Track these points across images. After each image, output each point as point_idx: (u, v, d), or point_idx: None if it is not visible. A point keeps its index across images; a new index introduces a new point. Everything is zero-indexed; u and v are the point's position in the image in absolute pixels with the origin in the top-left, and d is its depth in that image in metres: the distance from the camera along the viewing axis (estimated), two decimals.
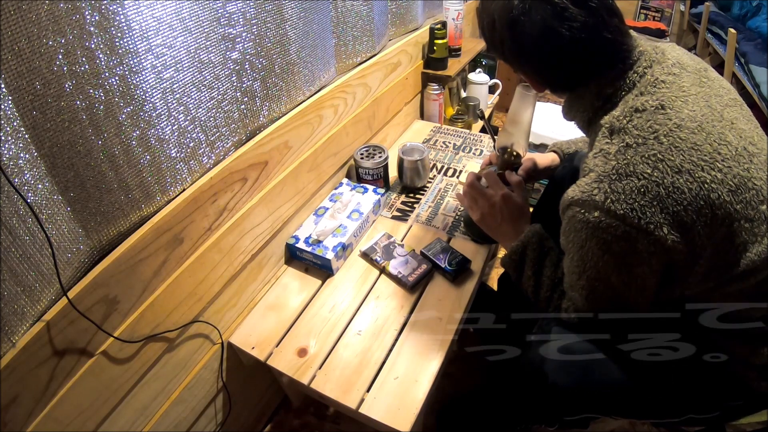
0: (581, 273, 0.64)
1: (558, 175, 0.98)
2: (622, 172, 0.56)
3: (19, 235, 0.53)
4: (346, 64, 1.16)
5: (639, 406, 0.71)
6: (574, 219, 0.61)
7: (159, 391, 0.76)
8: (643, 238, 0.56)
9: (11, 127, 0.50)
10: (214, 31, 0.73)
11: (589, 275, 0.63)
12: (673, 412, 0.71)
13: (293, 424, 1.10)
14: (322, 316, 0.92)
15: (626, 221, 0.56)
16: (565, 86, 0.69)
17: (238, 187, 0.84)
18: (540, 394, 0.73)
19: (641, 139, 0.57)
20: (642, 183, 0.55)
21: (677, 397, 0.69)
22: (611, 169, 0.57)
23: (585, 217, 0.59)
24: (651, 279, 0.60)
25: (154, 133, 0.66)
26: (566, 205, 0.62)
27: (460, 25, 1.54)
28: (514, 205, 0.82)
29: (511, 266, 0.80)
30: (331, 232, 1.01)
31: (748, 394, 0.66)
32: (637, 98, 0.60)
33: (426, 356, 0.84)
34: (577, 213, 0.60)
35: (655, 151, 0.56)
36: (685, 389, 0.68)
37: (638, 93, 0.61)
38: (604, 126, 0.62)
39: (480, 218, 0.86)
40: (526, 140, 0.91)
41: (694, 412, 0.70)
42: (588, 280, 0.64)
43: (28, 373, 0.55)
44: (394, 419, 0.74)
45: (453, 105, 1.71)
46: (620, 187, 0.56)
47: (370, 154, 1.18)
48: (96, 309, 0.62)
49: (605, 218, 0.57)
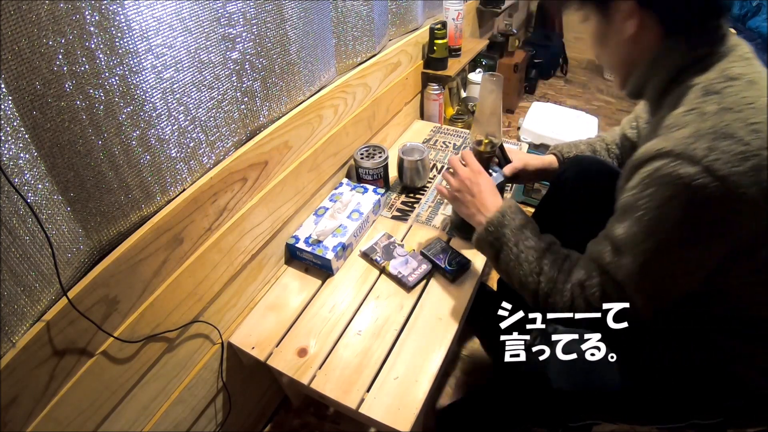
0: (648, 235, 0.56)
1: (562, 178, 0.95)
2: (724, 132, 0.51)
3: (19, 235, 0.53)
4: (346, 64, 1.16)
5: (642, 411, 0.71)
6: (658, 173, 0.54)
7: (159, 391, 0.76)
8: (736, 207, 0.51)
9: (11, 127, 0.50)
10: (214, 31, 0.73)
11: (659, 239, 0.56)
12: (676, 416, 0.71)
13: (293, 424, 1.10)
14: (322, 316, 0.92)
15: (725, 183, 0.50)
16: (680, 21, 0.61)
17: (238, 187, 0.84)
18: (543, 398, 0.73)
19: (738, 107, 0.53)
20: (743, 149, 0.50)
21: (680, 399, 0.68)
22: (710, 127, 0.52)
23: (676, 170, 0.52)
24: (712, 261, 0.57)
25: (154, 133, 0.66)
26: (649, 157, 0.55)
27: (460, 25, 1.54)
28: (487, 180, 0.82)
29: (485, 242, 0.76)
30: (331, 232, 1.01)
31: (748, 395, 0.66)
32: (731, 67, 0.57)
33: (426, 356, 0.84)
34: (666, 166, 0.53)
35: (753, 121, 0.52)
36: (687, 391, 0.67)
37: (730, 62, 0.58)
38: (697, 86, 0.57)
39: (453, 198, 0.86)
40: (499, 127, 0.91)
41: (698, 417, 0.70)
42: (654, 244, 0.57)
43: (28, 373, 0.55)
44: (394, 419, 0.74)
45: (453, 105, 1.71)
46: (722, 147, 0.51)
47: (370, 154, 1.18)
48: (96, 309, 0.62)
49: (702, 176, 0.51)
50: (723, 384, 0.66)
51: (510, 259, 0.73)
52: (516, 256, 0.72)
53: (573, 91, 2.80)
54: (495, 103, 0.89)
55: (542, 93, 2.75)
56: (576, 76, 2.99)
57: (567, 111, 1.83)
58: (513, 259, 0.73)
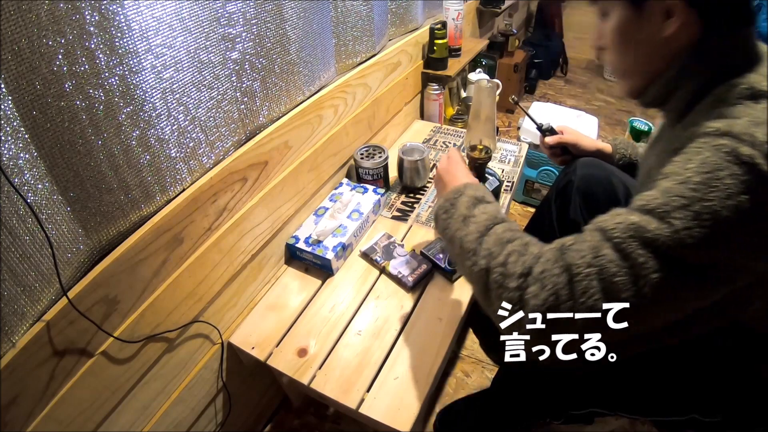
0: (694, 201, 0.48)
1: (564, 179, 0.92)
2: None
3: (19, 235, 0.53)
4: (346, 64, 1.16)
5: (644, 399, 0.70)
6: (716, 147, 0.49)
7: (159, 391, 0.76)
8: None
9: (11, 127, 0.50)
10: (214, 31, 0.73)
11: (705, 206, 0.47)
12: (677, 408, 0.70)
13: (293, 424, 1.10)
14: (322, 316, 0.92)
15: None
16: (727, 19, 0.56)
17: (238, 187, 0.84)
18: (547, 386, 0.72)
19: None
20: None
21: (683, 389, 0.68)
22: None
23: (737, 149, 0.47)
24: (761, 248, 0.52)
25: (154, 133, 0.66)
26: (708, 132, 0.50)
27: (460, 25, 1.54)
28: (461, 167, 0.76)
29: (442, 209, 0.67)
30: (331, 232, 1.01)
31: (753, 389, 0.66)
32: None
33: (426, 356, 0.84)
34: (726, 144, 0.48)
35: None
36: (690, 381, 0.67)
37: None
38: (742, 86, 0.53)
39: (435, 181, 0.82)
40: (493, 133, 0.91)
41: (698, 412, 0.70)
42: (697, 211, 0.47)
43: (28, 373, 0.55)
44: (394, 419, 0.74)
45: (453, 105, 1.71)
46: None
47: (370, 154, 1.18)
48: (96, 309, 0.62)
49: (762, 160, 0.46)
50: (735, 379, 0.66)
51: (454, 227, 0.62)
52: (464, 219, 0.61)
53: (573, 91, 2.80)
54: (490, 109, 0.89)
55: (542, 93, 2.75)
56: (576, 76, 2.99)
57: (567, 111, 1.83)
58: (457, 225, 0.61)
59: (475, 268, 0.56)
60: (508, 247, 0.54)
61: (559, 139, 0.96)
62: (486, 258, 0.55)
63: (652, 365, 0.67)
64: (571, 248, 0.51)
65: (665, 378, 0.68)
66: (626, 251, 0.48)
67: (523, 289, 0.51)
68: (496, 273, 0.53)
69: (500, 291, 0.52)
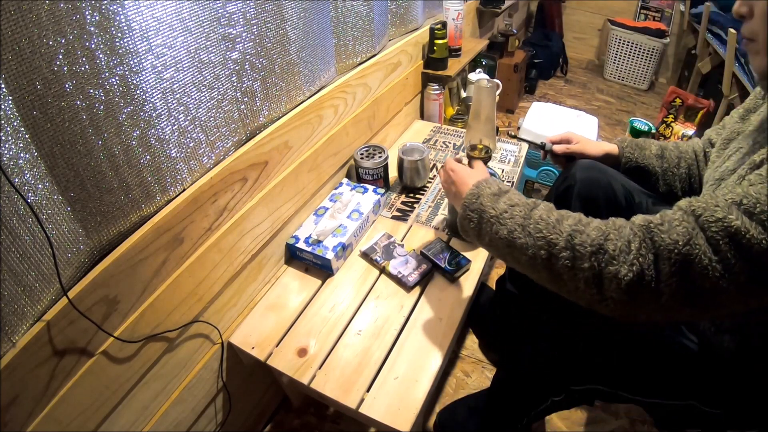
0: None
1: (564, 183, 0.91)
2: None
3: (19, 235, 0.53)
4: (346, 64, 1.16)
5: (645, 380, 0.70)
6: None
7: (159, 391, 0.76)
8: None
9: (11, 127, 0.50)
10: (214, 31, 0.73)
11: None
12: (677, 392, 0.70)
13: (293, 424, 1.10)
14: (322, 316, 0.92)
15: None
16: None
17: (238, 187, 0.84)
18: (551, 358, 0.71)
19: None
20: None
21: (685, 374, 0.68)
22: None
23: None
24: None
25: (154, 133, 0.66)
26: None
27: (460, 25, 1.54)
28: (464, 167, 0.79)
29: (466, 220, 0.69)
30: (331, 232, 1.01)
31: (757, 387, 0.65)
32: None
33: (426, 356, 0.84)
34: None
35: None
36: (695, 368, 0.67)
37: None
38: None
39: (445, 193, 0.84)
40: (493, 132, 0.91)
41: (698, 399, 0.69)
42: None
43: (28, 373, 0.55)
44: (394, 419, 0.74)
45: (453, 105, 1.72)
46: None
47: (370, 154, 1.18)
48: (96, 309, 0.62)
49: None
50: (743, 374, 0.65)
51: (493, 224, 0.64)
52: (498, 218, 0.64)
53: (573, 91, 2.80)
54: (490, 109, 0.89)
55: (542, 93, 2.75)
56: (576, 76, 3.00)
57: (567, 111, 1.83)
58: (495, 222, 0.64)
59: (542, 253, 0.57)
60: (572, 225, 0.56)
61: (567, 149, 0.97)
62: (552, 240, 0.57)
63: (655, 346, 0.67)
64: (660, 229, 0.51)
65: (669, 361, 0.68)
66: (719, 247, 0.48)
67: (602, 266, 0.52)
68: (568, 253, 0.55)
69: (575, 272, 0.54)
